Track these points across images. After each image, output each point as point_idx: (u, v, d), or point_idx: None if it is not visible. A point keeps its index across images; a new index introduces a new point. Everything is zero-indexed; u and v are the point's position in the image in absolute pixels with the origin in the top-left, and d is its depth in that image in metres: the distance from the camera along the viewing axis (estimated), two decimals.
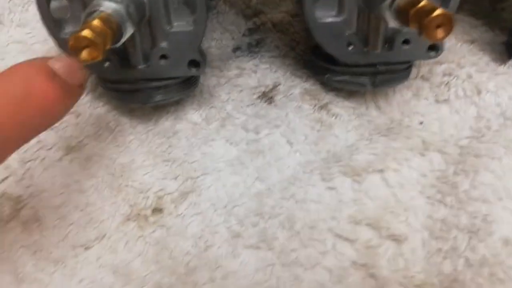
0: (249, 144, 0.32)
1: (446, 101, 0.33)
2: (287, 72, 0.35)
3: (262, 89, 0.34)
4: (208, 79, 0.35)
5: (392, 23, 0.25)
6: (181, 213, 0.30)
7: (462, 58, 0.35)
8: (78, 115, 0.33)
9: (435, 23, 0.22)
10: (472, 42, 0.37)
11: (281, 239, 0.28)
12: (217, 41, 0.37)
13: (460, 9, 0.29)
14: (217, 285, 0.28)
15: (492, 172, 0.28)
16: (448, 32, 0.22)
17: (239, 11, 0.38)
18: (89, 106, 0.33)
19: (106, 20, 0.22)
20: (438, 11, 0.22)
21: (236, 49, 0.37)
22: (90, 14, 0.22)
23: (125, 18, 0.24)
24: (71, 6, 0.27)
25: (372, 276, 0.27)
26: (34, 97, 0.21)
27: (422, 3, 0.23)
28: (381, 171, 0.30)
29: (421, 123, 0.32)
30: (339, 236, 0.29)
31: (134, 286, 0.28)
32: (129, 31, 0.24)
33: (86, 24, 0.21)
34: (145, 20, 0.27)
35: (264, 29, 0.38)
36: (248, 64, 0.36)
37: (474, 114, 0.32)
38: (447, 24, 0.22)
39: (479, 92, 0.33)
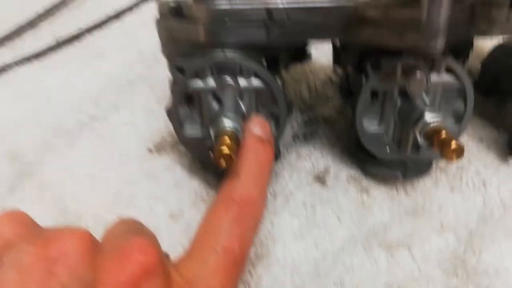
0: (308, 218, 0.41)
1: (459, 190, 0.43)
2: (335, 159, 0.45)
3: (316, 172, 0.44)
4: (274, 162, 0.45)
5: (421, 141, 0.36)
6: (257, 272, 0.39)
7: (472, 154, 0.44)
8: (178, 187, 0.43)
9: (452, 151, 0.32)
10: (481, 140, 0.47)
11: None
12: None
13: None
14: None
15: (493, 253, 0.37)
16: (460, 157, 0.32)
17: (297, 106, 0.49)
18: (186, 180, 0.44)
19: (231, 137, 0.33)
20: (454, 144, 0.32)
21: (295, 137, 0.48)
22: (219, 132, 0.33)
23: (239, 130, 0.34)
24: (190, 112, 0.38)
25: None
26: (266, 163, 0.34)
27: (443, 135, 0.33)
28: (409, 247, 0.39)
29: (439, 207, 0.42)
30: None
31: None
32: (241, 139, 0.35)
33: (221, 142, 0.31)
34: None
35: (316, 121, 0.48)
36: (305, 150, 0.46)
37: (481, 203, 0.42)
38: (460, 152, 0.32)
39: (485, 185, 0.42)
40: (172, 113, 0.38)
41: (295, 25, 0.35)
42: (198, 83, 0.36)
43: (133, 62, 0.52)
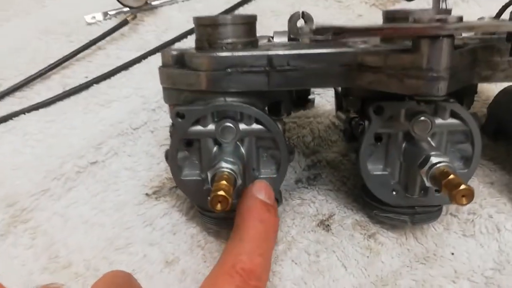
0: (311, 265, 0.39)
1: (472, 235, 0.41)
2: (340, 204, 0.44)
3: (320, 217, 0.43)
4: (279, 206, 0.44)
5: (428, 184, 0.34)
6: None
7: (484, 199, 0.43)
8: (175, 233, 0.42)
9: (461, 194, 0.30)
10: (492, 184, 0.45)
11: None
12: None
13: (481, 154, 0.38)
14: None
15: None
16: (470, 201, 0.31)
17: (300, 150, 0.49)
18: (184, 226, 0.43)
19: (228, 179, 0.32)
20: (463, 186, 0.30)
21: (298, 181, 0.47)
22: (216, 174, 0.32)
23: (238, 173, 0.34)
24: (190, 156, 0.38)
25: None
26: (272, 230, 0.32)
27: (450, 177, 0.32)
28: None
29: (452, 253, 0.40)
30: None
31: None
32: (239, 182, 0.34)
33: (217, 184, 0.30)
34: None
35: (320, 166, 0.48)
36: (308, 195, 0.45)
37: (496, 248, 0.39)
38: (470, 195, 0.30)
39: (499, 230, 0.40)
40: (170, 157, 0.37)
41: (296, 72, 0.35)
42: (198, 128, 0.36)
43: (138, 110, 0.53)
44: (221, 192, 0.30)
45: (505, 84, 0.49)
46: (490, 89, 0.55)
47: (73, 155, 0.48)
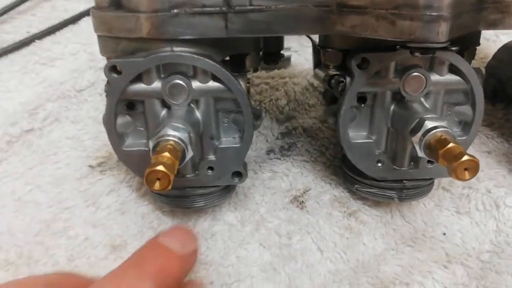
0: (282, 248, 0.34)
1: (467, 213, 0.35)
2: (317, 178, 0.38)
3: (294, 192, 0.37)
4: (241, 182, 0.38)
5: (421, 154, 0.28)
6: None
7: (481, 171, 0.37)
8: (123, 213, 0.36)
9: (463, 167, 0.25)
10: (489, 153, 0.40)
11: None
12: (252, 144, 0.40)
13: None
14: None
15: None
16: (474, 175, 0.25)
17: (273, 116, 0.42)
18: (134, 204, 0.36)
19: (173, 150, 0.25)
20: (466, 157, 0.24)
21: (270, 151, 0.40)
22: (159, 144, 0.26)
23: (187, 143, 0.27)
24: (134, 122, 0.31)
25: None
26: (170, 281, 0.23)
27: (450, 145, 0.26)
28: (407, 284, 0.32)
29: (444, 234, 0.34)
30: None
31: None
32: (189, 154, 0.27)
33: (157, 157, 0.24)
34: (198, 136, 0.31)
35: (296, 133, 0.41)
36: (281, 167, 0.39)
37: (494, 227, 0.34)
38: (474, 168, 0.25)
39: (497, 207, 0.35)
40: (107, 123, 0.30)
41: (260, 13, 0.28)
42: (140, 87, 0.29)
43: (84, 69, 0.45)
44: (160, 168, 0.23)
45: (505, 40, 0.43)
46: (489, 46, 0.49)
47: (4, 121, 0.40)
